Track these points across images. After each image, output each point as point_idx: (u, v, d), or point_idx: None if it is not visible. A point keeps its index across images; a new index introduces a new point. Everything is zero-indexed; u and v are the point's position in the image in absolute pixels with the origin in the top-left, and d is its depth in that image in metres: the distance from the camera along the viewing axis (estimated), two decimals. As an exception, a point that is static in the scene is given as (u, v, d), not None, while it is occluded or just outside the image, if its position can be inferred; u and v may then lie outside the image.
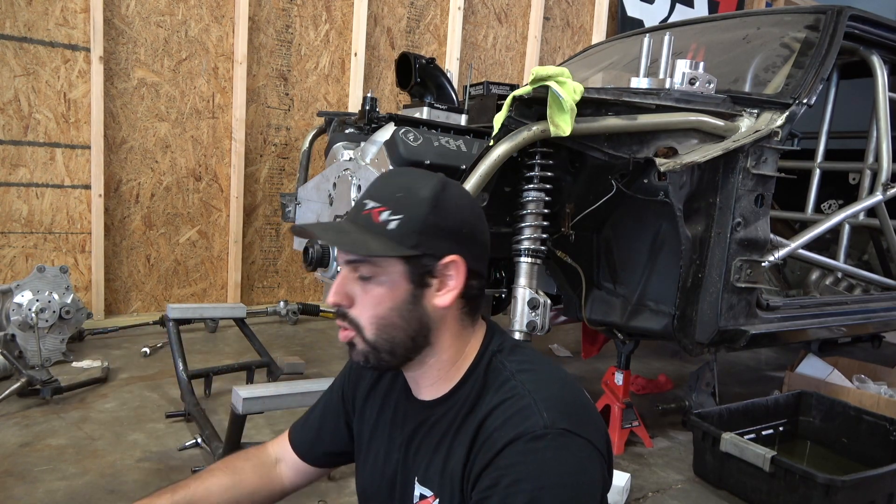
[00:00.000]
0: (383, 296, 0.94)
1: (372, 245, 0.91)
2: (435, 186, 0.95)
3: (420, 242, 0.92)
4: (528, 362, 0.98)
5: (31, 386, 2.35)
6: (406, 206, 0.93)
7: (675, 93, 2.03)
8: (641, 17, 5.29)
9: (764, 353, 3.95)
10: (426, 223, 0.92)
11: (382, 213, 0.93)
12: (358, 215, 0.95)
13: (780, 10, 2.91)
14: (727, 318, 2.11)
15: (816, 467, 2.07)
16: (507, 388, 0.93)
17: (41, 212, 3.29)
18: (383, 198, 0.95)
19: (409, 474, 1.02)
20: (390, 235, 0.92)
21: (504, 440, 0.87)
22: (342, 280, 0.96)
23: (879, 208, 2.58)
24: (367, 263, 0.93)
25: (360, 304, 0.95)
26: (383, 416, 1.10)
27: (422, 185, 0.95)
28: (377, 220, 0.93)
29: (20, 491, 1.80)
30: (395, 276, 0.93)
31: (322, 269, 2.39)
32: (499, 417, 0.90)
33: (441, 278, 0.95)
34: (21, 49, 3.15)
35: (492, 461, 0.88)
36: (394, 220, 0.92)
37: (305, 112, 3.99)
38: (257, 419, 2.23)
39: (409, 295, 0.94)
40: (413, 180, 0.97)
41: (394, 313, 0.94)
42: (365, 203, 0.96)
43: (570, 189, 2.08)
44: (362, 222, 0.94)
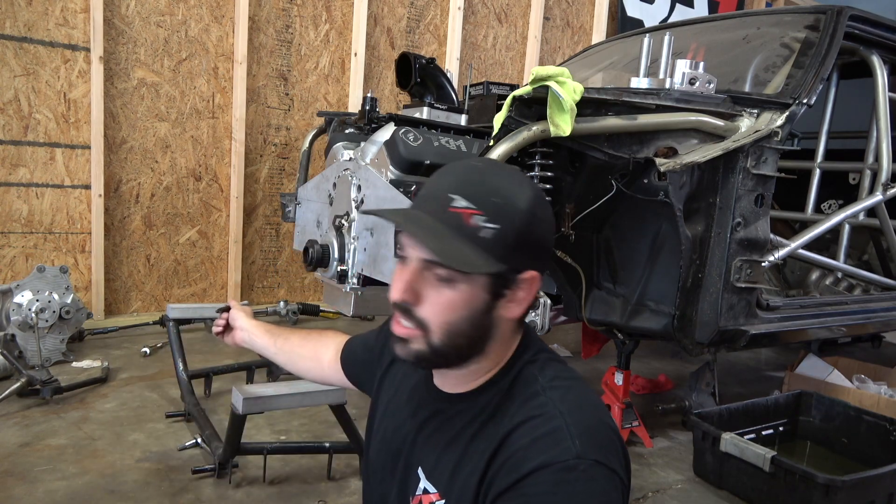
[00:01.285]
0: (460, 303, 0.89)
1: (471, 258, 0.85)
2: (531, 199, 0.89)
3: (510, 257, 0.88)
4: (559, 378, 0.94)
5: (31, 386, 2.35)
6: (503, 217, 0.86)
7: (675, 93, 2.03)
8: (641, 17, 5.29)
9: (764, 353, 3.95)
10: (520, 239, 0.88)
11: (475, 217, 0.86)
12: (444, 211, 0.87)
13: (780, 10, 2.91)
14: (727, 318, 2.11)
15: (816, 467, 2.07)
16: (536, 404, 0.90)
17: (41, 212, 3.29)
18: (477, 199, 0.87)
19: (414, 459, 1.00)
20: (483, 245, 0.86)
21: (532, 465, 0.83)
22: (413, 276, 0.89)
23: (879, 208, 2.58)
24: (448, 268, 0.87)
25: (431, 306, 0.89)
26: (400, 394, 1.09)
27: (519, 195, 0.89)
28: (468, 222, 0.86)
29: (20, 491, 1.80)
30: (477, 286, 0.88)
31: (322, 269, 2.39)
32: (526, 436, 0.87)
33: (515, 290, 0.92)
34: (21, 49, 3.15)
35: (516, 484, 0.84)
36: (488, 229, 0.86)
37: (305, 112, 3.99)
38: (257, 419, 2.23)
39: (485, 305, 0.90)
40: (510, 186, 0.89)
41: (465, 321, 0.90)
42: (452, 198, 0.87)
43: (570, 189, 2.08)
44: (451, 222, 0.86)
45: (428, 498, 0.96)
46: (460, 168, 0.92)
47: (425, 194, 0.92)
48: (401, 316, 0.92)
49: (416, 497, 0.98)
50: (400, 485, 1.02)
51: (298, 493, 1.89)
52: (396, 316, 0.93)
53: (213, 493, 1.86)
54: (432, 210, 0.88)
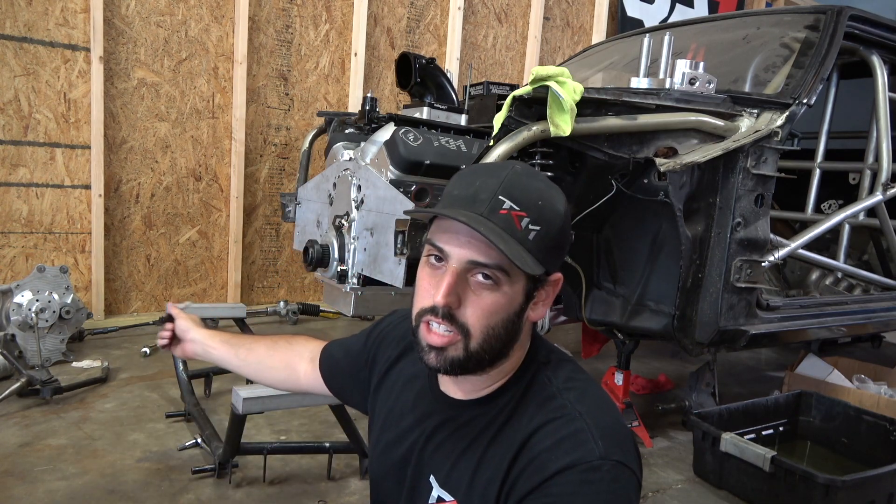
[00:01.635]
0: (501, 306, 0.89)
1: (526, 258, 0.86)
2: (565, 203, 0.92)
3: (547, 259, 0.90)
4: (573, 379, 0.95)
5: (31, 386, 2.35)
6: (545, 219, 0.88)
7: (675, 93, 2.03)
8: (641, 17, 5.29)
9: (764, 353, 3.95)
10: (557, 240, 0.91)
11: (523, 220, 0.87)
12: (495, 213, 0.87)
13: (780, 10, 2.91)
14: (727, 318, 2.11)
15: (816, 467, 2.07)
16: (555, 406, 0.90)
17: (41, 212, 3.29)
18: (524, 202, 0.88)
19: (425, 469, 0.99)
20: (530, 247, 0.87)
21: (557, 466, 0.84)
22: (455, 278, 0.88)
23: (879, 208, 2.58)
24: (498, 271, 0.87)
25: (473, 310, 0.88)
26: (401, 403, 1.07)
27: (557, 198, 0.92)
28: (519, 225, 0.87)
29: (20, 491, 1.80)
30: (517, 286, 0.89)
31: (322, 269, 2.40)
32: (548, 438, 0.87)
33: (542, 292, 0.93)
34: (21, 49, 3.15)
35: (541, 485, 0.85)
36: (533, 231, 0.87)
37: (305, 112, 3.99)
38: (257, 419, 2.23)
39: (520, 307, 0.91)
40: (549, 190, 0.92)
41: (504, 324, 0.90)
42: (501, 200, 0.87)
43: (570, 189, 2.08)
44: (503, 224, 0.86)
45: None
46: (501, 171, 0.91)
47: (469, 195, 0.89)
48: (440, 322, 0.89)
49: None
50: (408, 494, 1.01)
51: (298, 494, 1.89)
52: (429, 324, 0.90)
53: (213, 493, 1.86)
54: (484, 212, 0.87)
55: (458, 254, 0.88)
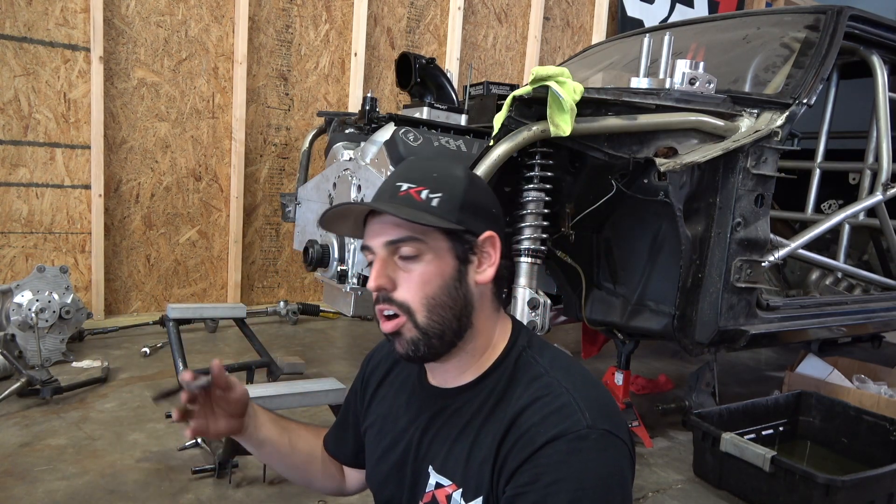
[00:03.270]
0: (432, 273, 0.93)
1: (425, 216, 0.91)
2: (464, 169, 0.99)
3: (463, 219, 0.94)
4: (558, 359, 0.98)
5: (31, 386, 2.35)
6: (444, 185, 0.95)
7: (675, 93, 2.03)
8: (641, 17, 5.29)
9: (764, 353, 3.95)
10: (465, 200, 0.95)
11: (422, 192, 0.93)
12: (395, 197, 0.94)
13: (780, 10, 2.91)
14: (727, 318, 2.11)
15: (816, 467, 2.07)
16: (542, 384, 0.93)
17: (41, 212, 3.29)
18: (418, 179, 0.95)
19: (423, 462, 1.01)
20: (435, 212, 0.92)
21: (545, 437, 0.87)
22: (382, 263, 0.94)
23: (879, 208, 2.58)
24: (412, 242, 0.93)
25: (407, 286, 0.94)
26: (395, 406, 1.09)
27: (453, 167, 0.99)
28: (419, 198, 0.93)
29: (20, 491, 1.80)
30: (442, 252, 0.94)
31: (322, 269, 2.40)
32: (536, 413, 0.90)
33: (480, 255, 0.97)
34: (21, 49, 3.15)
35: (531, 457, 0.87)
36: (435, 198, 0.93)
37: (305, 112, 3.99)
38: (257, 419, 2.23)
39: (455, 271, 0.95)
40: (443, 163, 1.01)
41: (443, 292, 0.94)
42: (398, 185, 0.95)
43: (570, 189, 2.08)
44: (402, 202, 0.93)
45: (443, 491, 0.97)
46: (401, 165, 1.02)
47: (376, 194, 0.99)
48: (384, 307, 0.95)
49: (428, 493, 0.99)
50: (410, 491, 1.03)
51: (298, 493, 1.89)
52: (380, 313, 0.96)
53: (213, 493, 1.86)
54: (386, 200, 0.95)
55: (376, 242, 0.96)
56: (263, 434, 1.12)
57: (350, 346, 3.48)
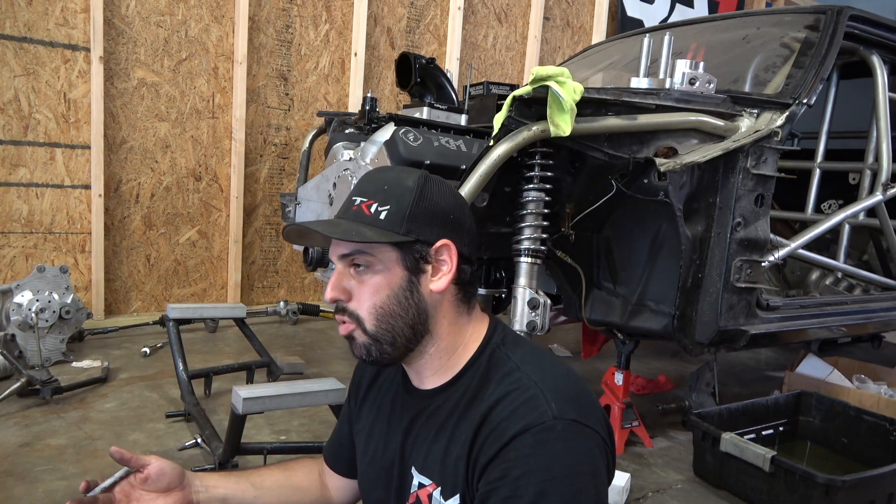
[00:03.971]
0: (380, 284, 0.96)
1: (366, 233, 0.94)
2: (418, 178, 0.99)
3: (411, 229, 0.95)
4: (531, 354, 0.99)
5: (31, 386, 2.34)
6: (393, 196, 0.97)
7: (675, 93, 2.03)
8: (641, 17, 5.29)
9: (764, 353, 3.95)
10: (414, 210, 0.96)
11: (372, 206, 0.96)
12: (348, 211, 0.99)
13: (780, 10, 2.91)
14: (727, 318, 2.11)
15: (816, 467, 2.07)
16: (512, 380, 0.94)
17: (41, 212, 3.29)
18: (370, 192, 0.98)
19: (407, 463, 1.02)
20: (382, 224, 0.95)
21: (513, 431, 0.88)
22: (338, 275, 0.99)
23: (879, 208, 2.58)
24: (362, 254, 0.96)
25: (358, 296, 0.97)
26: (382, 409, 1.11)
27: (405, 177, 0.99)
28: (368, 212, 0.96)
29: (20, 491, 1.80)
30: (390, 263, 0.96)
31: (322, 269, 2.40)
32: (506, 408, 0.91)
33: (435, 264, 0.98)
34: (21, 49, 3.15)
35: (499, 452, 0.88)
36: (383, 210, 0.96)
37: (305, 112, 3.99)
38: (257, 419, 2.23)
39: (405, 281, 0.96)
40: (396, 174, 1.02)
41: (392, 301, 0.96)
42: (353, 199, 0.99)
43: (570, 189, 2.08)
44: (356, 217, 0.97)
45: (425, 491, 0.99)
46: (363, 177, 1.05)
47: (340, 207, 1.03)
48: (338, 316, 1.00)
49: (413, 495, 1.00)
50: (397, 493, 1.04)
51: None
52: (337, 318, 1.01)
53: (213, 493, 1.85)
54: (342, 214, 1.00)
55: (333, 255, 1.00)
56: (220, 492, 1.11)
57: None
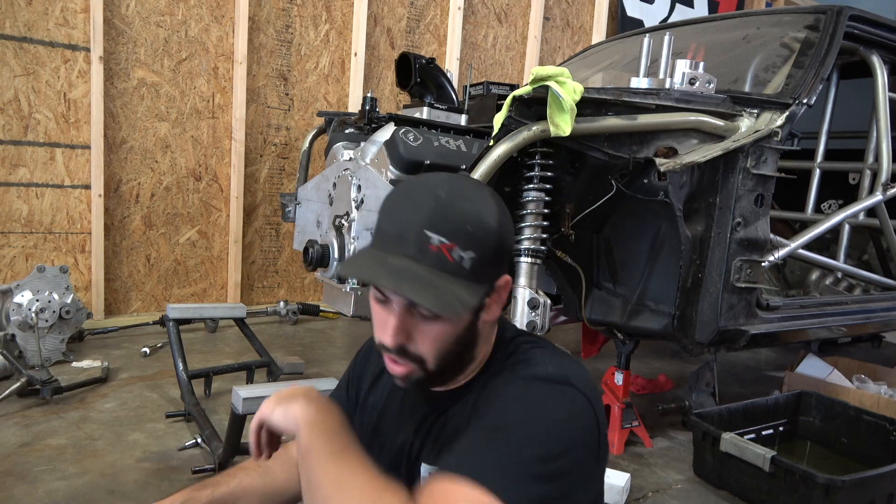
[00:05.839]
0: (449, 332, 0.92)
1: (463, 296, 0.86)
2: (497, 214, 0.91)
3: (491, 274, 0.92)
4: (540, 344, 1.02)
5: (31, 386, 2.34)
6: (478, 241, 0.88)
7: (675, 93, 2.03)
8: (641, 17, 5.29)
9: (764, 353, 3.95)
10: (495, 256, 0.91)
11: (454, 251, 0.86)
12: (424, 252, 0.86)
13: (780, 10, 2.91)
14: (727, 318, 2.11)
15: (816, 467, 2.06)
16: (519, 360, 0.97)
17: (41, 212, 3.29)
18: (450, 232, 0.86)
19: (416, 462, 1.02)
20: (466, 275, 0.87)
21: (506, 382, 0.92)
22: (402, 320, 0.90)
23: (879, 208, 2.57)
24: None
25: (423, 341, 0.92)
26: (391, 403, 1.10)
27: (487, 214, 0.89)
28: (451, 258, 0.86)
29: (20, 491, 1.80)
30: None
31: (322, 269, 2.40)
32: (506, 374, 0.95)
33: (493, 298, 0.95)
34: (21, 49, 3.15)
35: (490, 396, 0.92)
36: (467, 258, 0.87)
37: (305, 112, 3.99)
38: (257, 419, 2.23)
39: (469, 323, 0.94)
40: (478, 208, 0.89)
41: (455, 343, 0.93)
42: (428, 236, 0.86)
43: (570, 189, 2.08)
44: (434, 263, 0.86)
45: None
46: (425, 199, 0.89)
47: (396, 234, 0.89)
48: (396, 357, 0.93)
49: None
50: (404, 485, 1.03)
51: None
52: (389, 359, 0.95)
53: (213, 493, 1.86)
54: (412, 253, 0.87)
55: (397, 297, 0.89)
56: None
57: (350, 346, 3.48)
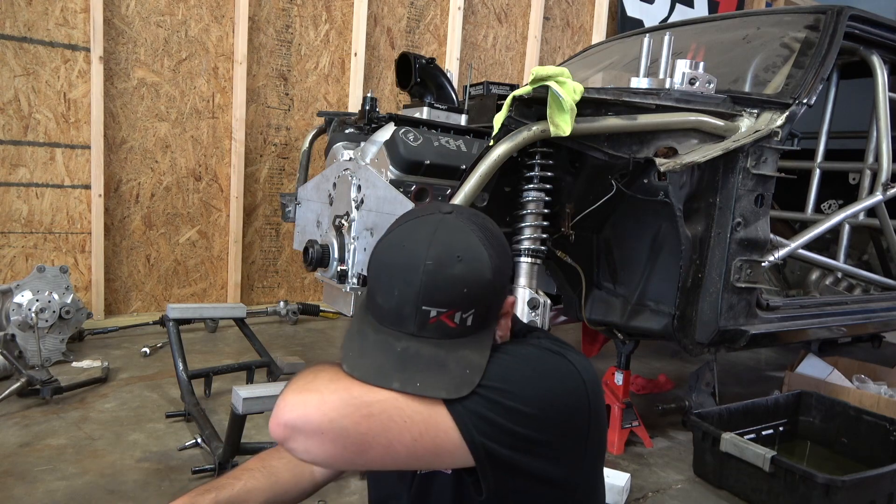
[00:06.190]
0: None
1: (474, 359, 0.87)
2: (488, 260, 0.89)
3: (496, 314, 0.94)
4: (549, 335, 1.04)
5: (31, 386, 2.35)
6: (476, 299, 0.88)
7: (675, 93, 2.02)
8: (641, 17, 5.29)
9: (764, 353, 3.95)
10: (498, 297, 0.93)
11: (455, 316, 0.87)
12: (425, 327, 0.87)
13: (780, 10, 2.91)
14: (727, 319, 2.11)
15: (816, 467, 2.07)
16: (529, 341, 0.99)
17: (41, 212, 3.29)
18: (447, 301, 0.87)
19: None
20: (474, 331, 0.89)
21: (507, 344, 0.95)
22: None
23: (879, 208, 2.57)
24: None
25: None
26: None
27: (479, 266, 0.88)
28: (453, 324, 0.87)
29: (20, 491, 1.80)
30: None
31: (322, 269, 2.39)
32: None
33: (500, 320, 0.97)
34: (21, 49, 3.15)
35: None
36: (469, 316, 0.88)
37: (305, 112, 3.99)
38: (257, 419, 2.23)
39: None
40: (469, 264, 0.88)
41: None
42: (426, 311, 0.86)
43: (570, 189, 2.08)
44: (437, 334, 0.87)
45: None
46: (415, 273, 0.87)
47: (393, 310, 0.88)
48: None
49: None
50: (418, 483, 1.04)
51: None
52: None
53: (213, 493, 1.85)
54: (414, 331, 0.87)
55: None
56: None
57: (350, 346, 3.47)
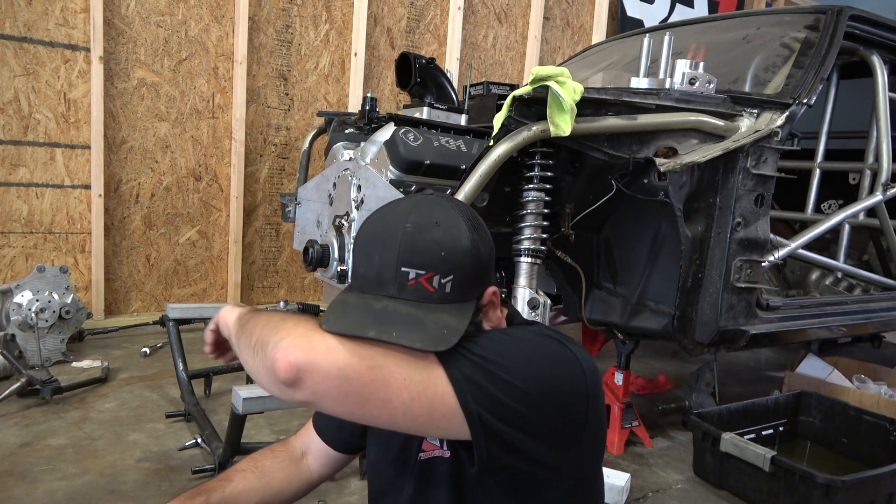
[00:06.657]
0: None
1: (451, 322, 0.87)
2: (468, 229, 0.93)
3: (476, 289, 0.95)
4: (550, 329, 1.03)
5: (31, 386, 2.35)
6: (454, 263, 0.90)
7: (675, 93, 2.03)
8: (641, 17, 5.29)
9: (764, 353, 3.95)
10: (477, 270, 0.93)
11: (433, 279, 0.89)
12: (404, 288, 0.89)
13: (780, 10, 2.91)
14: (727, 319, 2.11)
15: (816, 467, 2.07)
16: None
17: (41, 212, 3.29)
18: (425, 263, 0.89)
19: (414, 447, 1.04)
20: (453, 299, 0.90)
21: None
22: None
23: (879, 208, 2.57)
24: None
25: None
26: None
27: (458, 234, 0.92)
28: (431, 287, 0.89)
29: (20, 491, 1.80)
30: None
31: (322, 269, 2.40)
32: None
33: (484, 311, 0.98)
34: (21, 49, 3.15)
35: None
36: (447, 283, 0.89)
37: (305, 112, 3.99)
38: (257, 419, 2.24)
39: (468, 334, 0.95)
40: (447, 231, 0.91)
41: None
42: (405, 272, 0.89)
43: (570, 189, 2.08)
44: (416, 296, 0.89)
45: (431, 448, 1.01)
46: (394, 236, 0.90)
47: (374, 276, 0.91)
48: None
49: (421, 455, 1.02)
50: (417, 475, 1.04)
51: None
52: None
53: (213, 493, 1.85)
54: (393, 293, 0.89)
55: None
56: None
57: (350, 346, 3.47)
